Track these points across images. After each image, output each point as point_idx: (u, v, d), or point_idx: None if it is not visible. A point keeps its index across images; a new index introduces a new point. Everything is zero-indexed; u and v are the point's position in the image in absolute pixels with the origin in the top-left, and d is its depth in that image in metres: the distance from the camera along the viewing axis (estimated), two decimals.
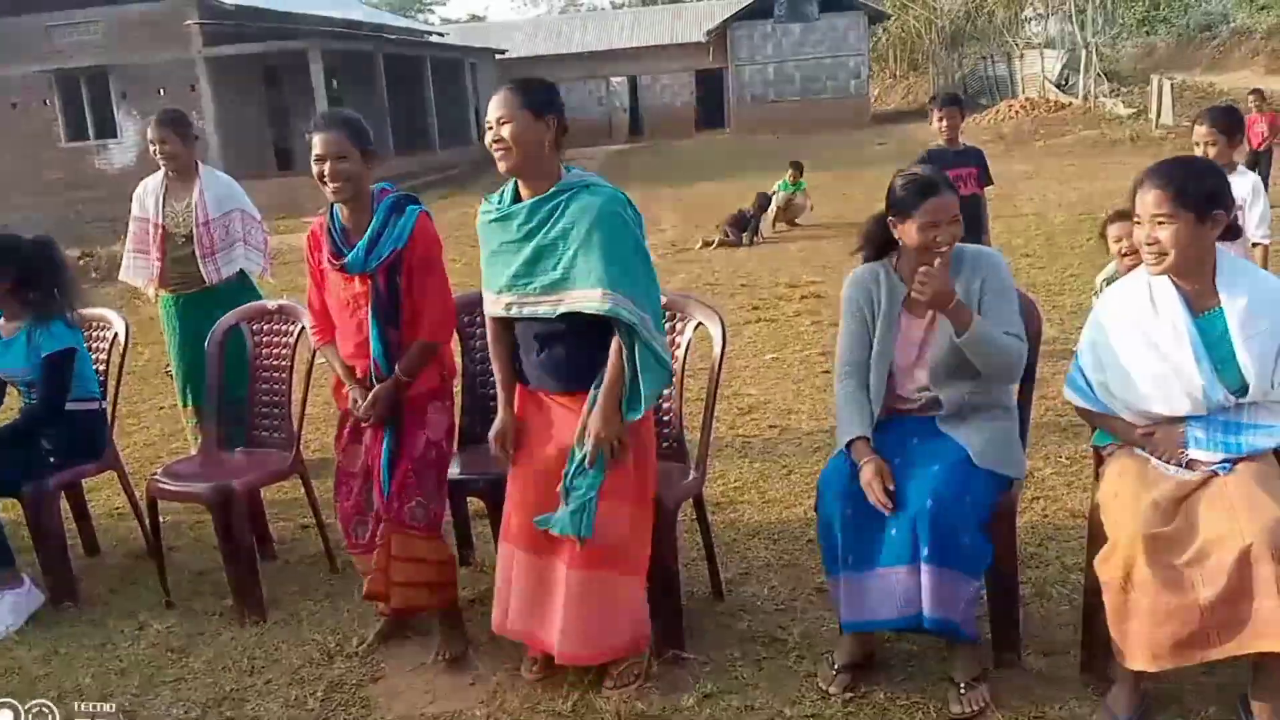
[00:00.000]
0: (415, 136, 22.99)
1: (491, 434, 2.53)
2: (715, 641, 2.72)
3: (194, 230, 4.12)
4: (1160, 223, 2.17)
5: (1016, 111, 22.77)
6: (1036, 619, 2.69)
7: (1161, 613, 2.06)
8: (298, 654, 2.84)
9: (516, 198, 2.42)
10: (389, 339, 2.63)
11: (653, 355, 2.35)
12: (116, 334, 3.60)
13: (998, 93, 28.14)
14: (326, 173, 2.55)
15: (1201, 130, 3.59)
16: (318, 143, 2.56)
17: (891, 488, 2.29)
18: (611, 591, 2.44)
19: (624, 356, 2.33)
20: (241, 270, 4.25)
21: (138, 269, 4.25)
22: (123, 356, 3.58)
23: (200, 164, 4.21)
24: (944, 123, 5.11)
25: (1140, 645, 2.10)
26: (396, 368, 2.63)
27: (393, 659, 2.80)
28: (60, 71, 19.24)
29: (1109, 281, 4.14)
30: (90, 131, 19.85)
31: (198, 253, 4.13)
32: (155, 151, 4.09)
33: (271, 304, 3.55)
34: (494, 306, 2.49)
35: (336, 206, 2.65)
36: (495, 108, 2.32)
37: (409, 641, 2.88)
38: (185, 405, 4.28)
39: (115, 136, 19.62)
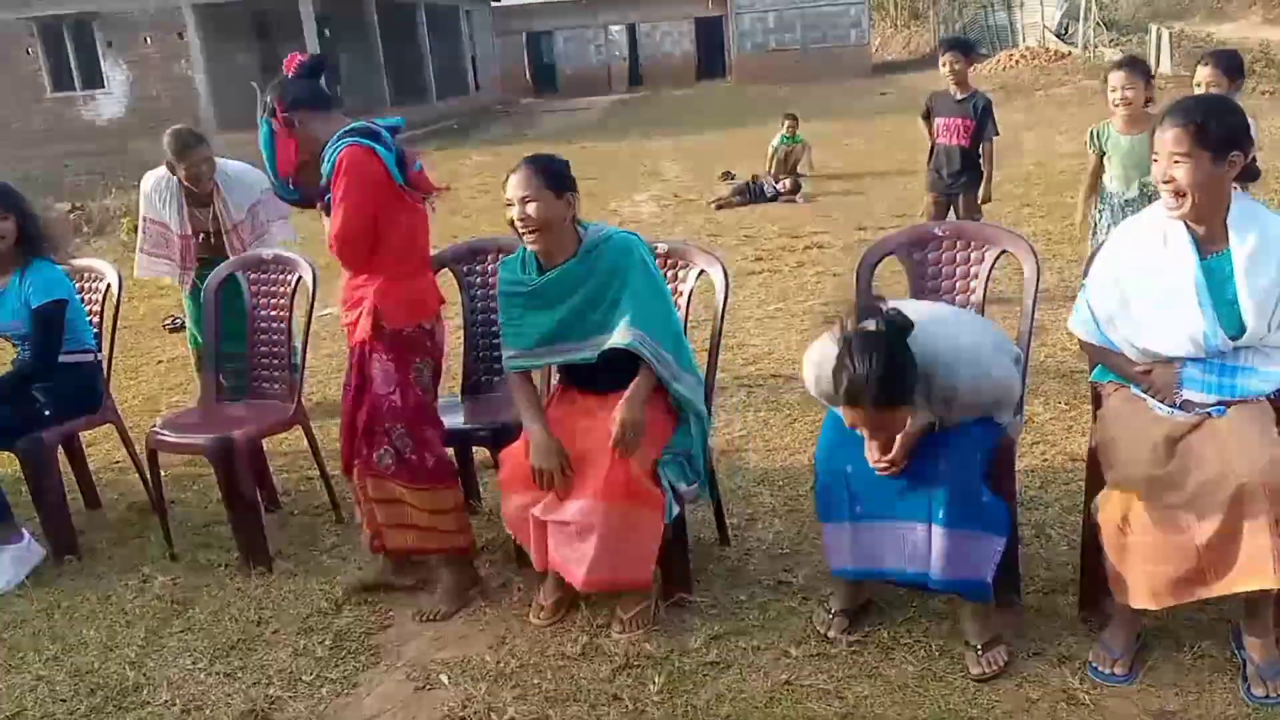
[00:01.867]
0: (411, 88, 22.64)
1: (539, 462, 2.50)
2: (721, 585, 2.75)
3: (225, 236, 4.09)
4: (1177, 161, 2.14)
5: (1016, 61, 22.44)
6: (1036, 559, 2.72)
7: (1159, 553, 2.09)
8: (305, 604, 2.85)
9: (539, 265, 2.57)
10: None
11: (679, 383, 2.56)
12: (109, 285, 3.56)
13: (998, 41, 27.68)
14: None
15: (1205, 72, 3.53)
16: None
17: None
18: (635, 523, 2.46)
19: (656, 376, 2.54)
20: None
21: (157, 269, 4.18)
22: (116, 307, 3.55)
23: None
24: (947, 67, 5.07)
25: (1139, 584, 2.14)
26: None
27: (401, 607, 2.81)
28: (43, 19, 18.82)
29: (1097, 135, 4.15)
30: (76, 82, 19.48)
31: (232, 248, 4.08)
32: (200, 172, 3.95)
33: (267, 253, 3.51)
34: (523, 360, 2.63)
35: None
36: (517, 186, 2.44)
37: (418, 591, 2.88)
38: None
39: (103, 87, 19.27)
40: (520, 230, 2.48)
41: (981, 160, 5.23)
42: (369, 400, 2.67)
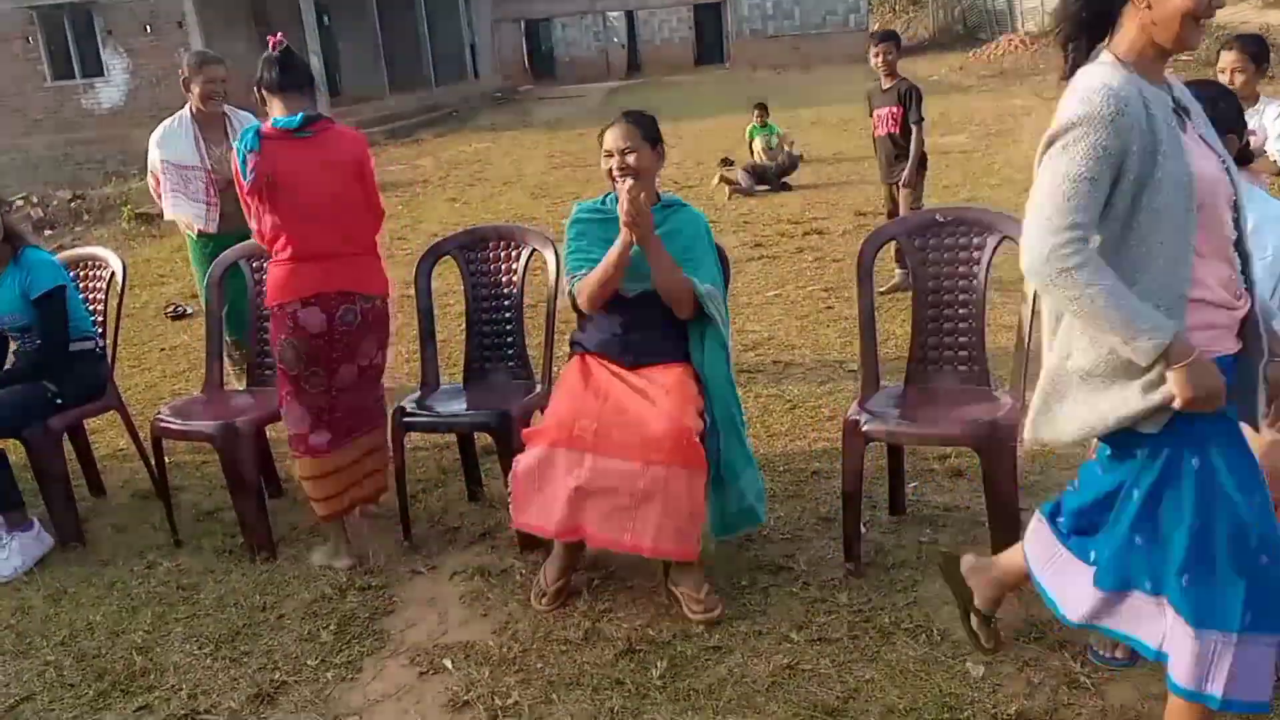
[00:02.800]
0: (410, 75, 22.53)
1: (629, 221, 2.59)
2: (723, 570, 2.75)
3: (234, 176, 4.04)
4: None
5: (1016, 46, 22.30)
6: None
7: None
8: (309, 589, 2.87)
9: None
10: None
11: (719, 344, 2.69)
12: (113, 273, 3.56)
13: (997, 26, 27.52)
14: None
15: (1229, 56, 3.46)
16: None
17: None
18: (685, 486, 2.44)
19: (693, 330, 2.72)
20: None
21: (179, 206, 4.07)
22: (120, 296, 3.55)
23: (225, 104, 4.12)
24: (878, 59, 5.17)
25: None
26: None
27: (405, 591, 2.83)
28: (42, 7, 18.71)
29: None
30: (76, 70, 19.39)
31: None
32: (214, 90, 3.98)
33: None
34: (570, 284, 2.78)
35: None
36: (619, 139, 2.66)
37: (420, 576, 2.91)
38: (225, 339, 4.26)
39: (102, 75, 19.16)
40: (619, 179, 2.68)
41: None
42: None
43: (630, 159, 2.64)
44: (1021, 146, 10.00)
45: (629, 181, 2.58)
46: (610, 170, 2.68)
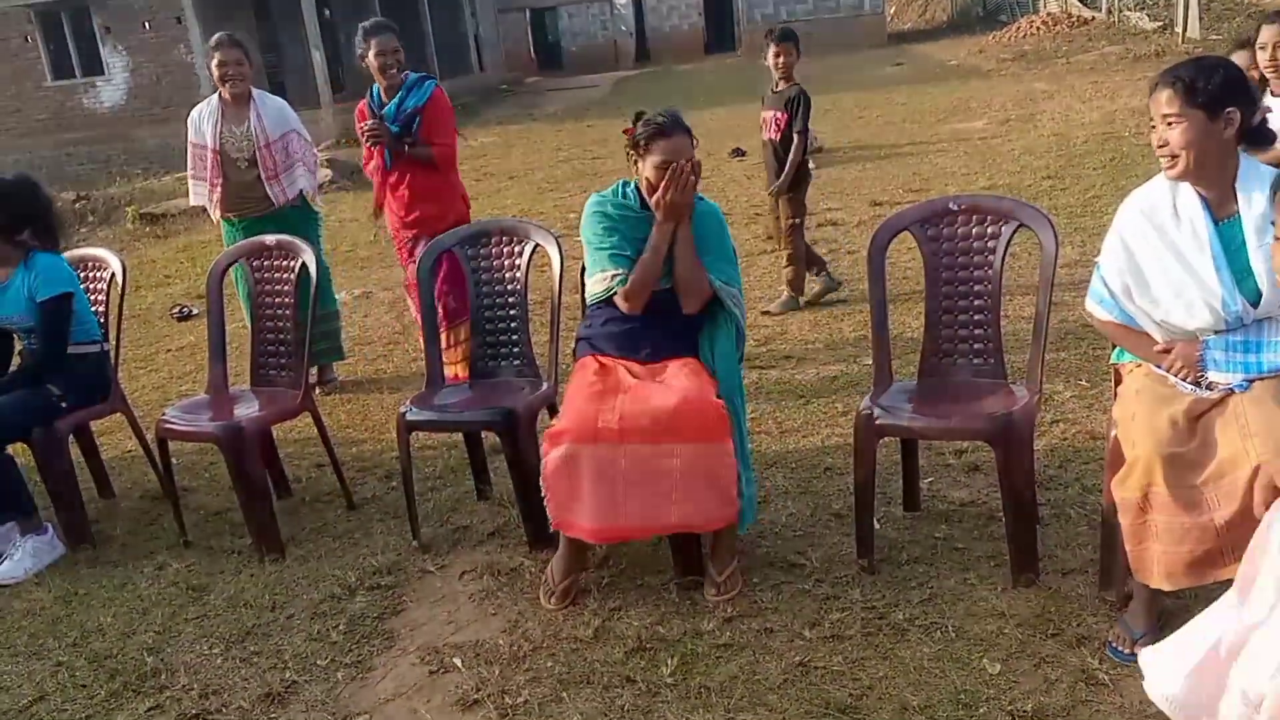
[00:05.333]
0: (413, 68, 22.32)
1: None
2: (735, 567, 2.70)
3: (256, 153, 4.14)
4: (1170, 123, 2.12)
5: (1037, 28, 22.06)
6: (1056, 539, 2.69)
7: (1178, 532, 2.05)
8: (318, 589, 2.86)
9: (641, 200, 2.75)
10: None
11: (731, 342, 2.71)
12: (113, 274, 3.55)
13: (1018, 8, 27.25)
14: (387, 65, 3.98)
15: (1272, 30, 3.36)
16: (377, 44, 3.95)
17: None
18: (715, 460, 2.47)
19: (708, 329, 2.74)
20: (301, 192, 4.29)
21: (199, 194, 4.28)
22: (121, 296, 3.54)
23: (252, 88, 4.20)
24: (776, 59, 4.89)
25: (1157, 564, 2.10)
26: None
27: (414, 591, 2.82)
28: (40, 6, 18.71)
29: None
30: (76, 70, 19.40)
31: (262, 175, 4.16)
32: (227, 73, 4.08)
33: (270, 239, 3.49)
34: (610, 282, 2.71)
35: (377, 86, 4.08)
36: (679, 149, 2.63)
37: (429, 575, 2.89)
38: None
39: (102, 74, 19.17)
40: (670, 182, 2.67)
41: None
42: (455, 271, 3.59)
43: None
44: (1042, 132, 9.90)
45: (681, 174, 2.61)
46: (657, 178, 2.61)
